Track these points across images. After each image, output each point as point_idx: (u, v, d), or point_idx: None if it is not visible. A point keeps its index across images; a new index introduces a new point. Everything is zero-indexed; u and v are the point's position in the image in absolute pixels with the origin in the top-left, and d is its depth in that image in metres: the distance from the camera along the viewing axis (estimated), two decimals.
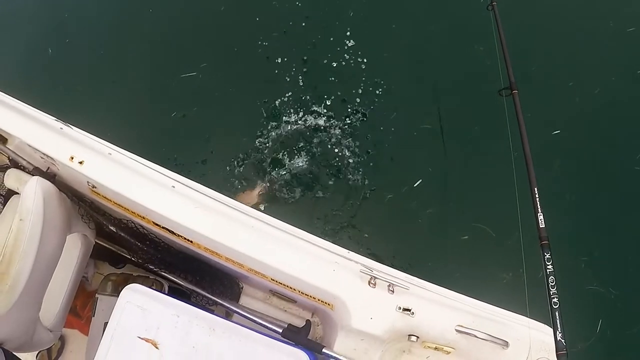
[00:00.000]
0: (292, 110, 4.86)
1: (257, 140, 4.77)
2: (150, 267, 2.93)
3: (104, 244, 3.25)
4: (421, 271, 2.20)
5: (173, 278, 2.90)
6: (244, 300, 3.07)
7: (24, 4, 6.14)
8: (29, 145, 2.60)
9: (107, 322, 2.04)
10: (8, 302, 2.09)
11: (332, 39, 5.19)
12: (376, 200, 4.57)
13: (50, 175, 2.58)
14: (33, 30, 5.86)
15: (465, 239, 4.40)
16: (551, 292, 1.95)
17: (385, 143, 4.74)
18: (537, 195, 2.30)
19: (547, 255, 2.06)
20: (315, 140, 4.76)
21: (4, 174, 3.10)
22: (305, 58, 5.11)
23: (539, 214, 2.24)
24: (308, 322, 2.63)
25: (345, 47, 5.10)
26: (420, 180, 4.58)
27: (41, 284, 2.40)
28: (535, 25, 5.21)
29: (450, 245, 4.44)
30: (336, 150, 4.72)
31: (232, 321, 2.08)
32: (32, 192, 2.31)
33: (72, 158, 2.43)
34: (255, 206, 4.39)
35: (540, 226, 2.21)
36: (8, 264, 2.13)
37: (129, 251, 3.03)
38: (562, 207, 4.45)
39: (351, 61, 5.06)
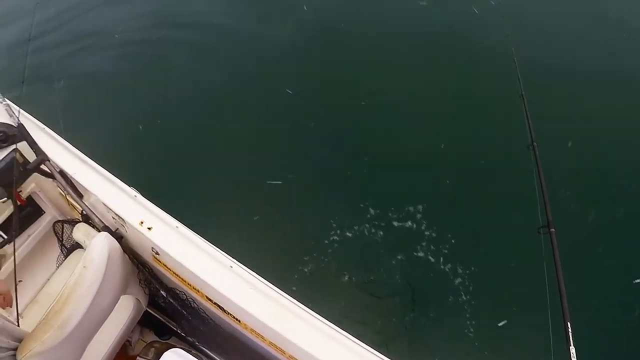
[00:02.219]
0: (366, 227, 4.89)
1: (328, 252, 4.78)
2: (195, 342, 2.95)
3: (154, 314, 3.31)
4: None
5: (215, 356, 2.91)
6: None
7: (131, 80, 6.71)
8: (104, 204, 2.73)
9: None
10: (55, 339, 2.15)
11: (410, 165, 5.34)
12: (427, 319, 4.48)
13: (117, 236, 2.68)
14: (130, 105, 6.30)
15: None
16: None
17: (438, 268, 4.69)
18: (569, 329, 2.26)
19: None
20: (379, 255, 4.74)
21: (73, 228, 3.25)
22: (383, 180, 5.22)
23: (571, 347, 2.19)
24: None
25: (410, 176, 5.22)
26: (505, 322, 4.49)
27: (88, 333, 2.46)
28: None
29: None
30: (398, 262, 4.68)
31: None
32: (100, 245, 2.42)
33: (142, 223, 2.54)
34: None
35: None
36: (64, 303, 2.22)
37: (177, 323, 3.07)
38: None
39: (421, 186, 5.16)
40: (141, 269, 2.77)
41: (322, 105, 5.90)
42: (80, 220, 3.20)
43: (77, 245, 3.46)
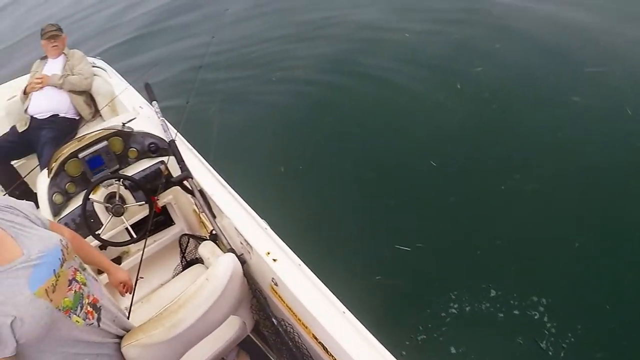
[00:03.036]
0: (485, 306, 4.67)
1: (444, 323, 4.59)
2: None
3: (255, 340, 3.47)
4: None
5: None
6: None
7: (287, 118, 7.01)
8: (235, 229, 2.95)
9: None
10: (163, 336, 2.30)
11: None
12: None
13: (241, 260, 2.86)
14: (278, 143, 6.56)
15: None
16: None
17: None
18: None
19: None
20: (494, 336, 4.51)
21: (197, 244, 3.50)
22: (512, 266, 4.95)
23: None
24: None
25: (540, 268, 4.94)
26: None
27: (192, 340, 2.60)
28: None
29: None
30: (513, 348, 4.41)
31: None
32: (225, 264, 2.60)
33: (268, 253, 2.73)
34: None
35: None
36: (180, 306, 2.39)
37: (275, 353, 3.20)
38: None
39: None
40: (256, 295, 2.92)
41: (464, 182, 5.85)
42: (207, 238, 3.44)
43: (196, 261, 3.69)
